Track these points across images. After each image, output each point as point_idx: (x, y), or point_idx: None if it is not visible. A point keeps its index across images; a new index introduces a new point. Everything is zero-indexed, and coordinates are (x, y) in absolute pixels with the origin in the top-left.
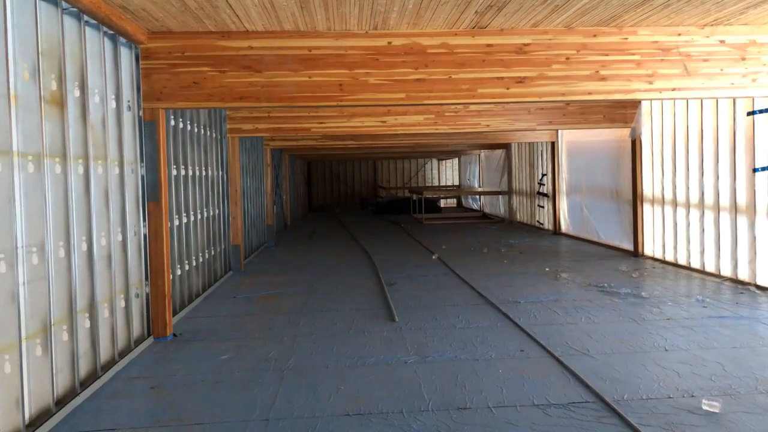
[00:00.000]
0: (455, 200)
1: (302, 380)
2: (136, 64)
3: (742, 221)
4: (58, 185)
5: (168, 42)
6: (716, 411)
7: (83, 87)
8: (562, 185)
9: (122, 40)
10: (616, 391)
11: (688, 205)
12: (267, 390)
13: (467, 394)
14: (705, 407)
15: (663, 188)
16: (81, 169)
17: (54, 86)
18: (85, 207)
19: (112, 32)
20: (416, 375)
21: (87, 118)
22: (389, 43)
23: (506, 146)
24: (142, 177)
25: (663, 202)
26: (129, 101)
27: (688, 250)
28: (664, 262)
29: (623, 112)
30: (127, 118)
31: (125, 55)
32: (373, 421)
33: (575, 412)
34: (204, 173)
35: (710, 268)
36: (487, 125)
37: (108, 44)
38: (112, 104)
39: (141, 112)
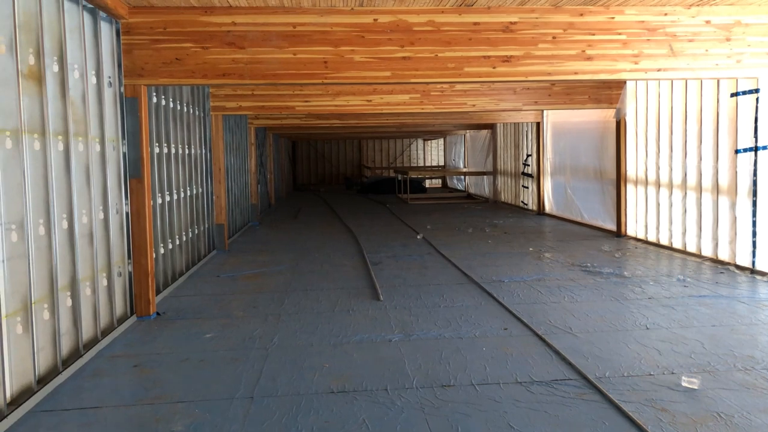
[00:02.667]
0: (440, 180)
1: (287, 358)
2: (117, 40)
3: (724, 202)
4: (37, 162)
5: (149, 17)
6: (695, 387)
7: (62, 62)
8: (547, 166)
9: (102, 14)
10: (597, 369)
11: (671, 186)
12: (251, 368)
13: (451, 371)
14: (684, 384)
15: (647, 169)
16: (61, 146)
17: (32, 60)
18: (65, 184)
19: (91, 6)
20: (400, 353)
21: (66, 94)
22: (375, 20)
23: (492, 126)
24: (124, 154)
25: (646, 182)
26: (110, 77)
27: (670, 231)
28: (646, 242)
29: (608, 92)
30: (108, 94)
31: (105, 30)
32: (357, 399)
33: (557, 389)
34: (187, 151)
35: (691, 248)
36: (473, 105)
37: (87, 18)
38: (93, 80)
39: (122, 89)
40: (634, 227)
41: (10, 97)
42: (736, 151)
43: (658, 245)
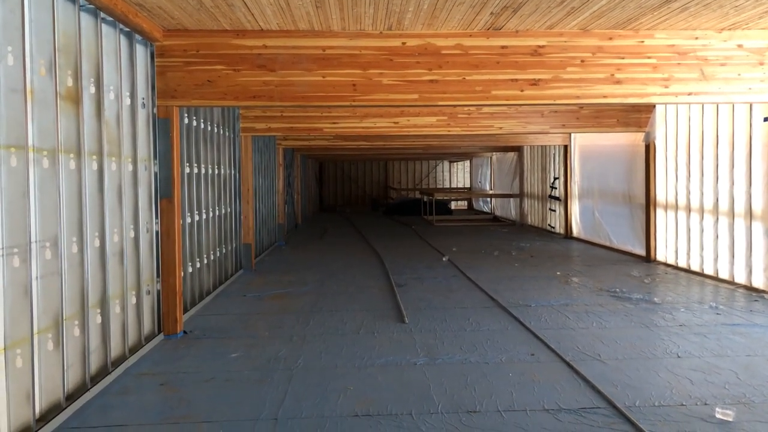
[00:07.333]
0: (466, 202)
1: (311, 380)
2: (151, 62)
3: (757, 228)
4: (72, 181)
5: (183, 40)
6: (730, 420)
7: (98, 83)
8: (574, 189)
9: (138, 37)
10: (627, 397)
11: (702, 211)
12: (276, 389)
13: (477, 397)
14: (718, 416)
15: (677, 193)
16: (95, 165)
17: (70, 82)
18: (98, 203)
19: (128, 29)
20: (426, 377)
21: (102, 115)
22: (403, 43)
23: (518, 149)
24: (156, 174)
25: (676, 207)
26: (143, 98)
27: (702, 256)
28: (676, 267)
29: (637, 116)
30: (142, 115)
31: (140, 53)
32: (381, 423)
33: (586, 417)
34: (216, 171)
35: (724, 274)
36: (500, 128)
37: (124, 41)
38: (127, 101)
39: (155, 110)
40: (663, 252)
41: (48, 118)
42: None
43: (688, 271)
